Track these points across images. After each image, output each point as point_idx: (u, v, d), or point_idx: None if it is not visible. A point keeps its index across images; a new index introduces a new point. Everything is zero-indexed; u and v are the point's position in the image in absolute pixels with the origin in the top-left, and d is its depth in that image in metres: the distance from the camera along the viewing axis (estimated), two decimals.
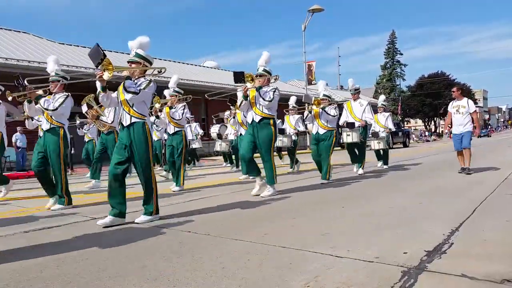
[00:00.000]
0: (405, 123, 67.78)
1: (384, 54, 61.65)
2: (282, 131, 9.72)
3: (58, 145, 5.24)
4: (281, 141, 9.58)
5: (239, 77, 5.70)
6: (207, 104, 24.41)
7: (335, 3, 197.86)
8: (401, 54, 61.57)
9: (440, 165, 10.18)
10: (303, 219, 4.00)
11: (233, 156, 11.65)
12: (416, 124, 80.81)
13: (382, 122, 10.19)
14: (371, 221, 3.77)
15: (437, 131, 64.84)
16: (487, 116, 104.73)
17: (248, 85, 5.69)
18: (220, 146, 11.32)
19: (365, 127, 8.67)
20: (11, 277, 2.53)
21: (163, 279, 2.38)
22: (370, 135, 9.69)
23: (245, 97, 5.80)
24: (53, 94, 5.35)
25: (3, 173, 7.87)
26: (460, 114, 7.80)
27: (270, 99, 5.68)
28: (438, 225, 3.45)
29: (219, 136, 11.84)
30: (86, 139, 10.41)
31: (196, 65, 30.99)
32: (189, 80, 22.99)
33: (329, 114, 7.16)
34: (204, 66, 32.30)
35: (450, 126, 8.17)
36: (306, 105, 7.82)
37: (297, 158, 10.27)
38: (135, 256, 2.90)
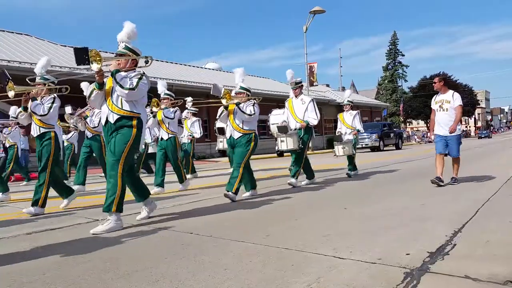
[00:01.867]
0: (407, 124, 67.77)
1: (386, 55, 61.80)
2: (222, 131, 8.07)
3: None
4: (221, 143, 8.14)
5: (82, 56, 3.78)
6: (208, 105, 24.42)
7: (336, 4, 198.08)
8: (403, 55, 61.77)
9: None
10: (305, 221, 3.99)
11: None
12: (418, 125, 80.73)
13: (349, 122, 8.54)
14: (373, 222, 3.76)
15: None
16: (489, 117, 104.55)
17: (94, 67, 3.83)
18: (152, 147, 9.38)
19: (309, 129, 7.03)
20: (13, 279, 2.53)
21: (165, 281, 2.37)
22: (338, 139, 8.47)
23: (99, 86, 4.04)
24: None
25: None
26: (444, 112, 6.19)
27: (131, 87, 3.94)
28: (440, 226, 3.44)
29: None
30: (7, 144, 9.71)
31: (198, 67, 31.06)
32: (191, 82, 23.04)
33: (245, 113, 5.56)
34: (206, 68, 32.37)
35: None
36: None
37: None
38: (137, 257, 2.90)
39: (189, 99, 10.11)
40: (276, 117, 8.60)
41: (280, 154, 6.10)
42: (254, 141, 5.63)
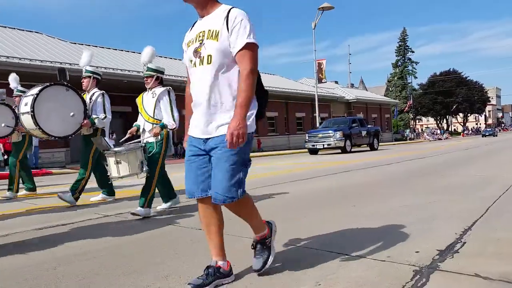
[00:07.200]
0: (417, 121, 67.25)
1: (395, 52, 61.45)
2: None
3: None
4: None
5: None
6: None
7: (344, 0, 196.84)
8: (413, 51, 61.37)
9: (452, 164, 10.06)
10: (313, 218, 3.98)
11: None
12: (428, 122, 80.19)
13: (149, 110, 4.47)
14: (381, 220, 3.74)
15: (449, 129, 64.17)
16: (500, 115, 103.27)
17: None
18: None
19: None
20: (24, 273, 2.57)
21: (174, 276, 2.39)
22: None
23: None
24: None
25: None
26: (200, 67, 2.15)
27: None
28: (450, 224, 3.42)
29: None
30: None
31: None
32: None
33: None
34: None
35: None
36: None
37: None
38: (147, 253, 2.93)
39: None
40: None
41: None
42: None
